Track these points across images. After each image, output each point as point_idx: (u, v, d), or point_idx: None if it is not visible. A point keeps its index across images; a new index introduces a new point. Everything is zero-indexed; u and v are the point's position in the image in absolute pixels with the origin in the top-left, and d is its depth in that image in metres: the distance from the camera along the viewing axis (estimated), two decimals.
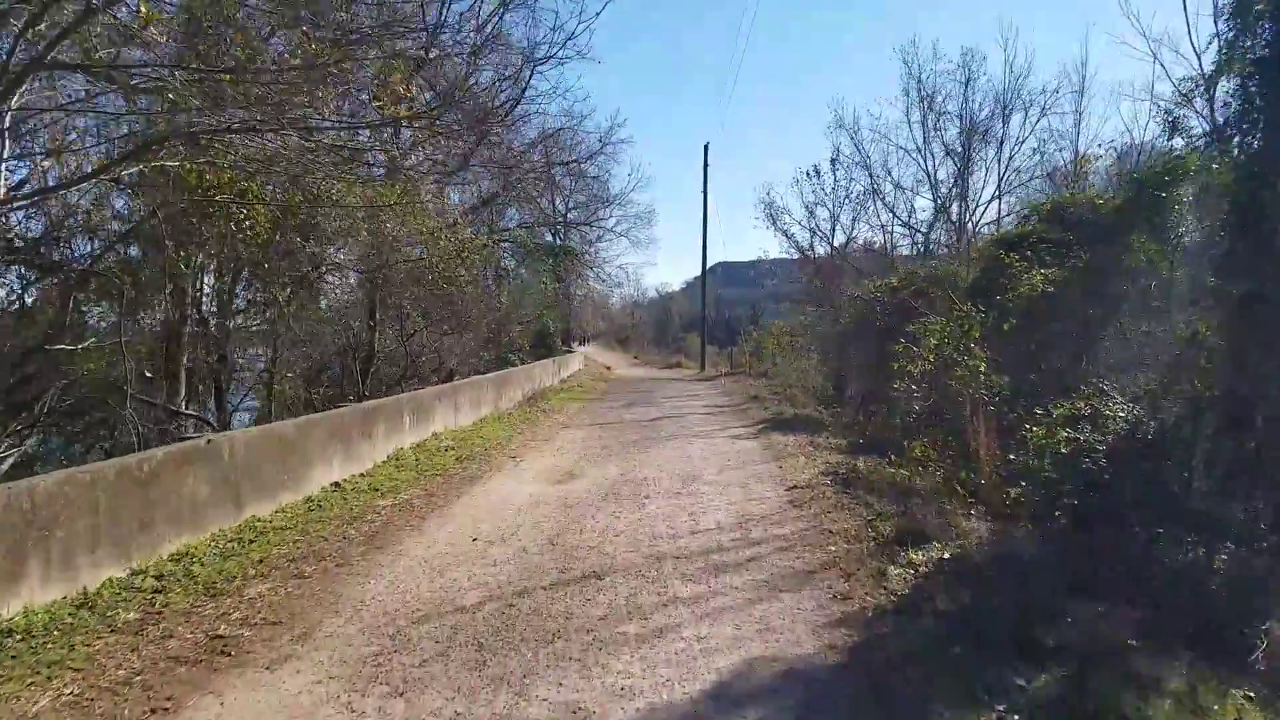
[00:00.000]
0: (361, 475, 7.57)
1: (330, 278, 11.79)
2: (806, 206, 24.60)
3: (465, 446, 9.45)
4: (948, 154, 21.24)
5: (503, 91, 13.37)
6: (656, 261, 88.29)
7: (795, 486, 6.87)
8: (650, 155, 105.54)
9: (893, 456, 7.48)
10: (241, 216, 8.24)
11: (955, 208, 21.12)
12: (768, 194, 58.46)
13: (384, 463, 8.17)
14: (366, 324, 11.86)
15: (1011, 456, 5.84)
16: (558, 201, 27.72)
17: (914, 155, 22.02)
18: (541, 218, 24.06)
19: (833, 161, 23.82)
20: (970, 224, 21.14)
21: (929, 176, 21.99)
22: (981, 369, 6.62)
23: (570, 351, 25.84)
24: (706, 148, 28.66)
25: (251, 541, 5.24)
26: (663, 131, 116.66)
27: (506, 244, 23.87)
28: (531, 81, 14.87)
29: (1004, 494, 5.44)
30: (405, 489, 7.09)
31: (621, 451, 9.21)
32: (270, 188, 8.24)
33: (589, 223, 25.80)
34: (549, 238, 25.40)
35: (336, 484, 7.12)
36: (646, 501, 6.41)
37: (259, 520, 5.72)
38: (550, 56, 10.46)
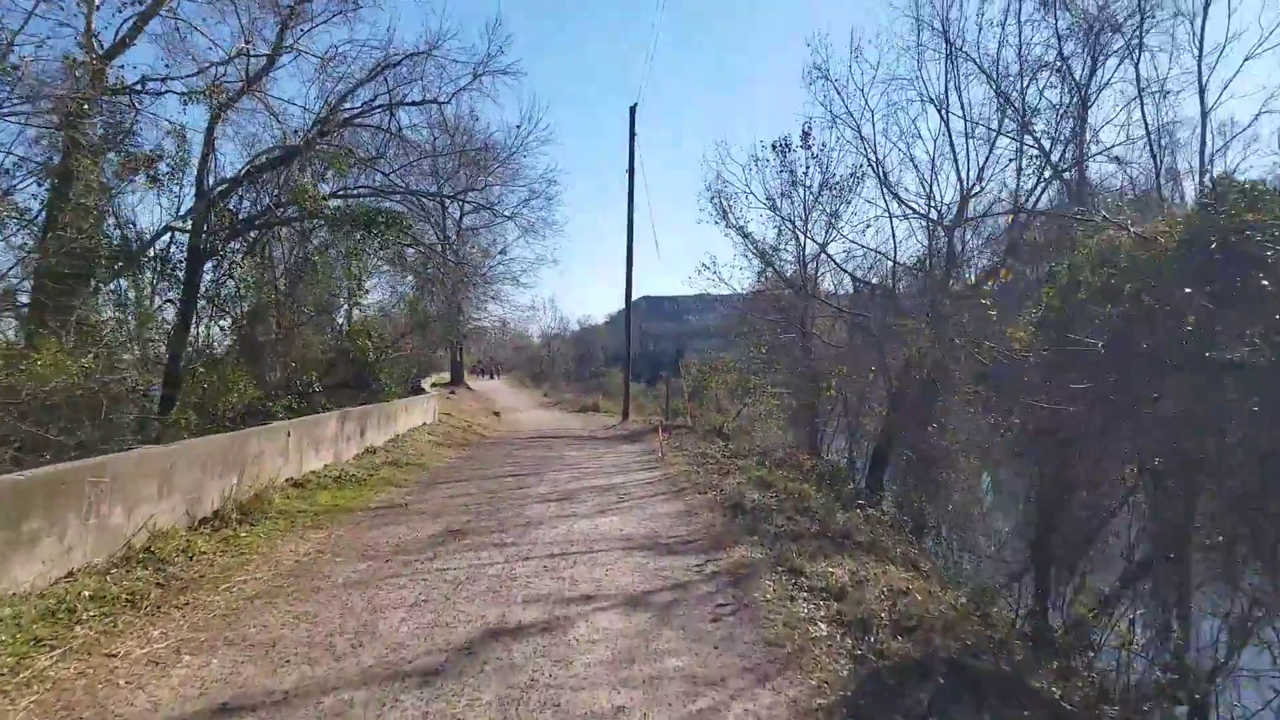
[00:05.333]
0: None
1: None
2: (770, 198, 16.94)
3: None
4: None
5: None
6: (559, 259, 75.00)
7: None
8: (569, 181, 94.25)
9: None
10: None
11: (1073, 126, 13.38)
12: (717, 177, 47.70)
13: None
14: None
15: None
16: (426, 181, 18.87)
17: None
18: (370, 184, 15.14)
19: (804, 134, 16.47)
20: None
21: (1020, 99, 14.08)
22: None
23: (420, 393, 16.70)
24: (633, 110, 20.82)
25: None
26: (581, 150, 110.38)
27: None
28: None
29: None
30: None
31: None
32: None
33: (455, 197, 16.95)
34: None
35: None
36: None
37: None
38: None
